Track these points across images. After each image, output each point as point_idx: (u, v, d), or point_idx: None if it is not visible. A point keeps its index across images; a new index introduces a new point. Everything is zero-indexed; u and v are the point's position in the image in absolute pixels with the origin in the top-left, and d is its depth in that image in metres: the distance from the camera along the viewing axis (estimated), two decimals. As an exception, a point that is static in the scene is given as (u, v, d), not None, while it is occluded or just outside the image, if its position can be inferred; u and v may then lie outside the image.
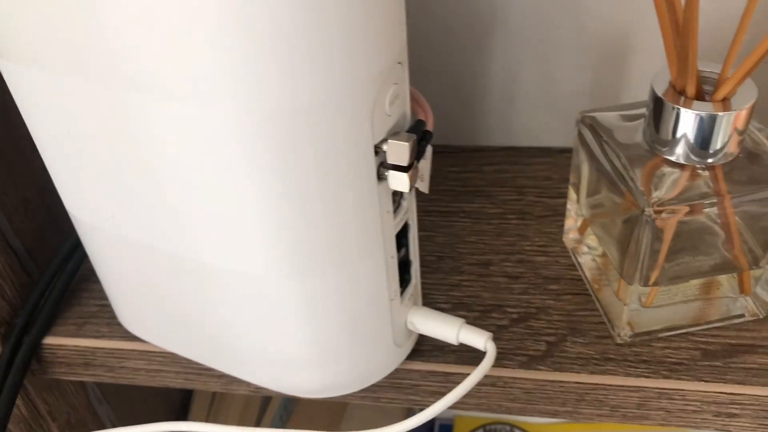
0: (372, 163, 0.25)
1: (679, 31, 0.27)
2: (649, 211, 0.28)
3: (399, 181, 0.25)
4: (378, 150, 0.25)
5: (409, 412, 0.59)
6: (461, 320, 0.31)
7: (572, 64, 0.41)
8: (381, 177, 0.26)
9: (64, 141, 0.27)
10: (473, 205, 0.41)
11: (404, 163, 0.25)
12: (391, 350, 0.31)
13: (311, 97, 0.22)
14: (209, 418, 0.54)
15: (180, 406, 0.55)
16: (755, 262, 0.32)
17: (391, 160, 0.25)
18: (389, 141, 0.25)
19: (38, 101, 0.26)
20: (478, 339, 0.30)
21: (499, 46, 0.41)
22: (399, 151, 0.25)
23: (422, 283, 0.37)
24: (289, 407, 0.56)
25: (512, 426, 0.60)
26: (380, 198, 0.26)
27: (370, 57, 0.23)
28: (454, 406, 0.35)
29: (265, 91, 0.22)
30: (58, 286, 0.37)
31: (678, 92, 0.29)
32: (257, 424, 0.54)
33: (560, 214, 0.40)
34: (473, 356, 0.33)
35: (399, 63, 0.24)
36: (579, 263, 0.37)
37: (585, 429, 0.60)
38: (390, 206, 0.27)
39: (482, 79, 0.43)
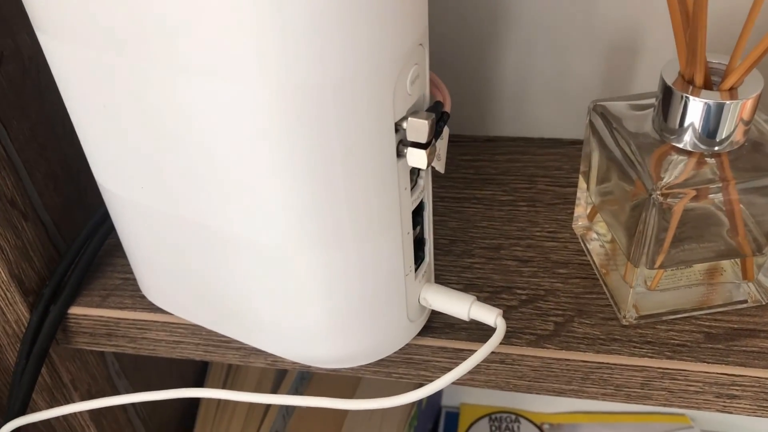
0: (392, 139, 0.26)
1: (689, 20, 0.28)
2: (656, 194, 0.30)
3: (417, 158, 0.27)
4: (398, 127, 0.26)
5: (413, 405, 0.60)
6: (473, 297, 0.32)
7: (584, 57, 0.42)
8: (400, 154, 0.27)
9: (98, 114, 0.28)
10: (485, 192, 0.43)
11: (423, 140, 0.26)
12: (404, 324, 0.33)
13: (338, 73, 0.23)
14: (218, 410, 0.55)
15: (194, 383, 0.57)
16: (758, 250, 0.33)
17: (410, 138, 0.26)
18: (409, 119, 0.26)
19: (76, 75, 0.28)
20: (489, 315, 0.32)
21: (511, 39, 0.42)
22: (418, 128, 0.26)
23: (435, 265, 0.38)
24: (300, 389, 0.58)
25: (517, 415, 0.62)
26: (399, 174, 0.27)
27: (393, 38, 0.24)
28: (465, 383, 0.36)
29: (296, 67, 0.23)
30: (84, 259, 0.38)
31: (687, 81, 0.30)
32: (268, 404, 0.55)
33: (570, 202, 0.41)
34: (483, 334, 0.34)
35: (420, 45, 0.26)
36: (587, 249, 0.38)
37: (589, 418, 0.61)
38: (408, 183, 0.28)
39: (495, 71, 0.44)
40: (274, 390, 0.56)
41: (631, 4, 0.40)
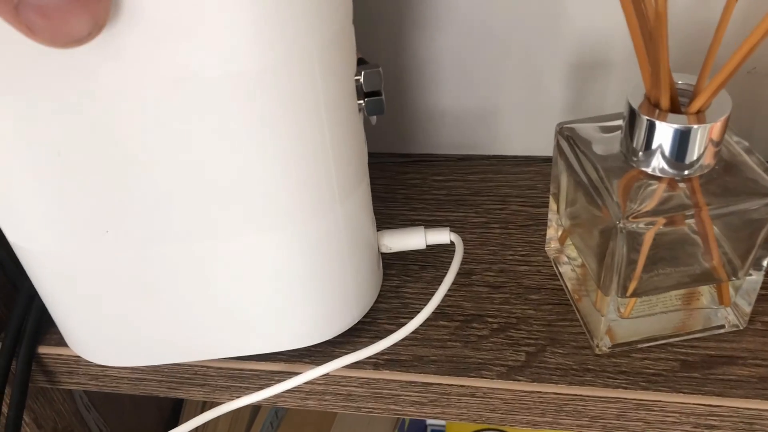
0: (354, 94, 0.28)
1: (650, 42, 0.27)
2: (622, 223, 0.28)
3: (377, 105, 0.29)
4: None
5: (397, 421, 0.59)
6: (422, 227, 0.35)
7: (554, 72, 0.41)
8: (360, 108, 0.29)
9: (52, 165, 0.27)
10: (457, 214, 0.41)
11: (378, 87, 0.29)
12: (376, 274, 0.35)
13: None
14: (199, 426, 0.54)
15: (171, 413, 0.55)
16: (734, 273, 0.32)
17: (367, 88, 0.29)
18: (363, 72, 0.28)
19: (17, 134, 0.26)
20: (443, 235, 0.35)
21: (483, 57, 0.41)
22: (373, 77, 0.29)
23: (404, 293, 0.37)
24: (279, 413, 0.57)
25: (503, 432, 0.60)
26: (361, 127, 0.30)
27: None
28: (436, 416, 0.35)
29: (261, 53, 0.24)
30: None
31: (653, 104, 0.29)
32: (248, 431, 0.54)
33: (543, 223, 0.40)
34: (452, 366, 0.33)
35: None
36: (560, 273, 0.37)
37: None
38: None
39: (467, 89, 0.43)
40: (251, 420, 0.54)
41: (606, 20, 0.39)
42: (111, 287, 0.31)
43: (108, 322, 0.32)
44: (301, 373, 0.33)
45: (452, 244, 0.35)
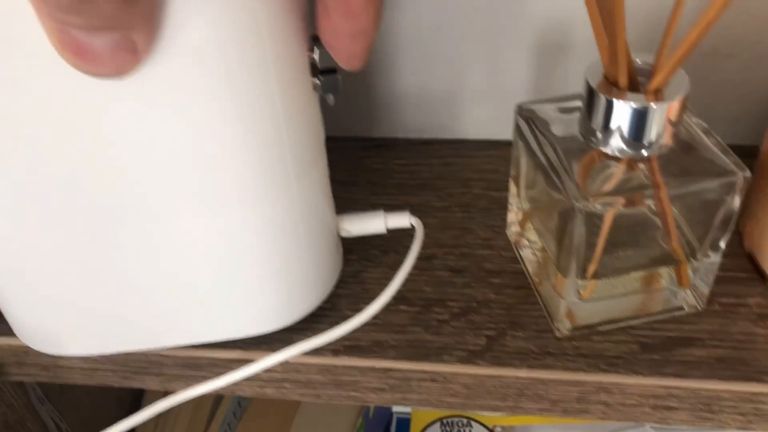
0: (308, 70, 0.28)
1: (608, 18, 0.26)
2: (581, 203, 0.28)
3: (333, 83, 0.28)
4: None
5: (361, 409, 0.58)
6: (381, 210, 0.34)
7: (520, 55, 0.41)
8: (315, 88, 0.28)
9: None
10: (419, 198, 0.41)
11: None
12: (335, 259, 0.34)
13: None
14: (159, 418, 0.53)
15: (130, 404, 0.54)
16: (692, 255, 0.32)
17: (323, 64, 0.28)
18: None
19: None
20: (402, 219, 0.34)
21: (445, 38, 0.41)
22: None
23: (365, 278, 0.36)
24: (242, 403, 0.56)
25: (469, 419, 0.60)
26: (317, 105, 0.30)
27: None
28: (397, 401, 0.34)
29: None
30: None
31: (611, 83, 0.29)
32: (208, 424, 0.53)
33: (505, 207, 0.39)
34: (412, 351, 0.33)
35: None
36: (521, 257, 0.36)
37: (542, 421, 0.60)
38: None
39: (429, 71, 0.42)
40: (213, 410, 0.53)
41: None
42: (59, 273, 0.30)
43: (57, 309, 0.31)
44: (258, 360, 0.32)
45: (413, 228, 0.34)
